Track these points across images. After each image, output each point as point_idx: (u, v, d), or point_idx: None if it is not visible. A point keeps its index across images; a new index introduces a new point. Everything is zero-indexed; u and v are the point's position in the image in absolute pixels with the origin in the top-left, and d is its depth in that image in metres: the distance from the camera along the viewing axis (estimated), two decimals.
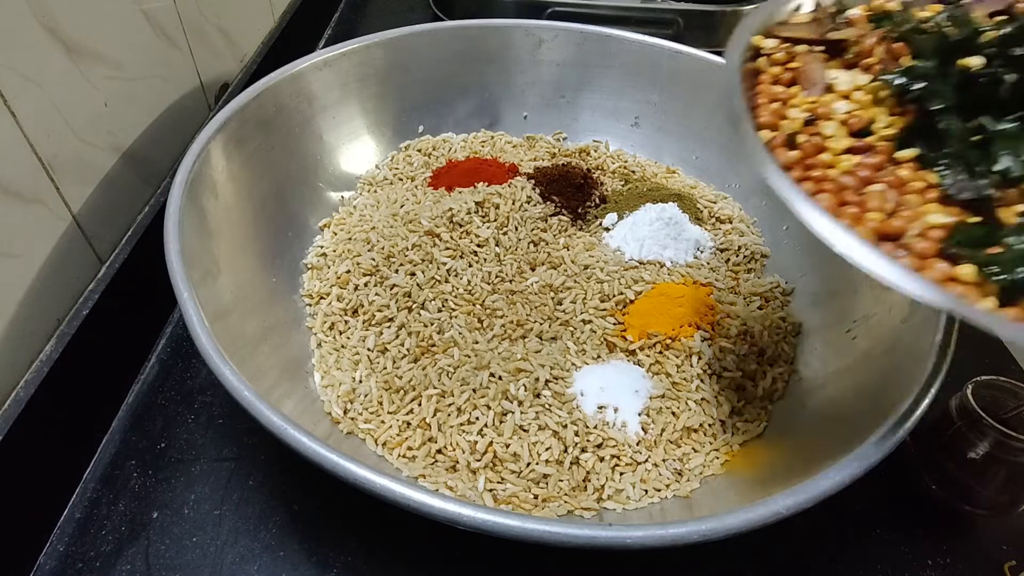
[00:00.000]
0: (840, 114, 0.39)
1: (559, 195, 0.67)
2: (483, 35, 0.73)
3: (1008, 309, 0.31)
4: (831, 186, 0.36)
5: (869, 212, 0.35)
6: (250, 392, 0.36)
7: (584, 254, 0.61)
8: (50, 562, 0.43)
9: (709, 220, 0.67)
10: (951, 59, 0.37)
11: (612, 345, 0.54)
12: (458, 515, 0.32)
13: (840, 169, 0.37)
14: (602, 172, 0.72)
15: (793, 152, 0.38)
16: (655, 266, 0.60)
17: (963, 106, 0.36)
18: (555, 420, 0.48)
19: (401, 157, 0.72)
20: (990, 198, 0.33)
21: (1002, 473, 0.43)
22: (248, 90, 0.57)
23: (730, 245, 0.64)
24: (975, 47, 0.37)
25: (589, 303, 0.56)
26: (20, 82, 0.44)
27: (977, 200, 0.34)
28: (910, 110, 0.38)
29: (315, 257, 0.60)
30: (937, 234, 0.33)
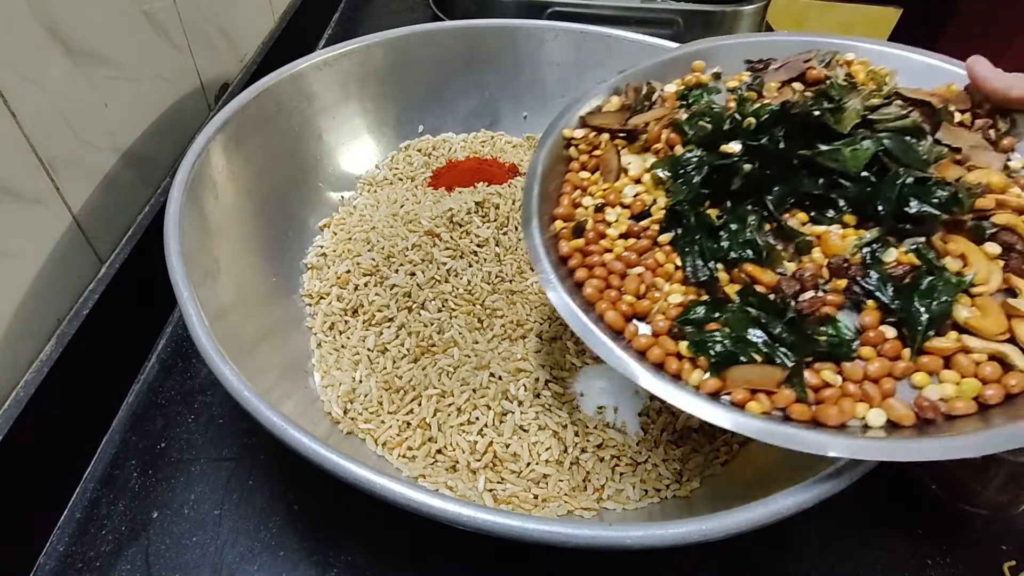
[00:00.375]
0: (629, 198, 0.44)
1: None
2: (483, 35, 0.73)
3: (711, 380, 0.35)
4: (601, 271, 0.41)
5: (626, 295, 0.39)
6: (250, 392, 0.36)
7: None
8: (50, 562, 0.43)
9: None
10: (716, 145, 0.41)
11: None
12: (458, 515, 0.32)
13: (614, 255, 0.41)
14: None
15: (578, 240, 0.42)
16: None
17: (713, 193, 0.41)
18: (555, 420, 0.48)
19: (401, 157, 0.72)
20: (716, 279, 0.38)
21: (1002, 473, 0.43)
22: (248, 90, 0.57)
23: None
24: (739, 133, 0.42)
25: None
26: (20, 82, 0.44)
27: (708, 281, 0.38)
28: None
29: (315, 257, 0.61)
30: (674, 313, 0.38)
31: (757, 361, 0.35)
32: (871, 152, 0.38)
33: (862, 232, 0.38)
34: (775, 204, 0.39)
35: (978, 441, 0.30)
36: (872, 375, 0.34)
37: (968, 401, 0.33)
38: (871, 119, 0.40)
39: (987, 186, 0.37)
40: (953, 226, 0.37)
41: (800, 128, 0.40)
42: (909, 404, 0.33)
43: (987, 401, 0.32)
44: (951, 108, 0.42)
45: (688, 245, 0.40)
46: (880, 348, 0.35)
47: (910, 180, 0.37)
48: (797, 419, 0.34)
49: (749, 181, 0.40)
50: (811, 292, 0.37)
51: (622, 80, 0.51)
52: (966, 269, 0.36)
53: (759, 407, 0.34)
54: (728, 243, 0.39)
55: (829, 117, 0.40)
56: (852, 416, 0.33)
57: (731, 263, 0.38)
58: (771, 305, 0.36)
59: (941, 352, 0.34)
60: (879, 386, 0.34)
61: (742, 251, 0.38)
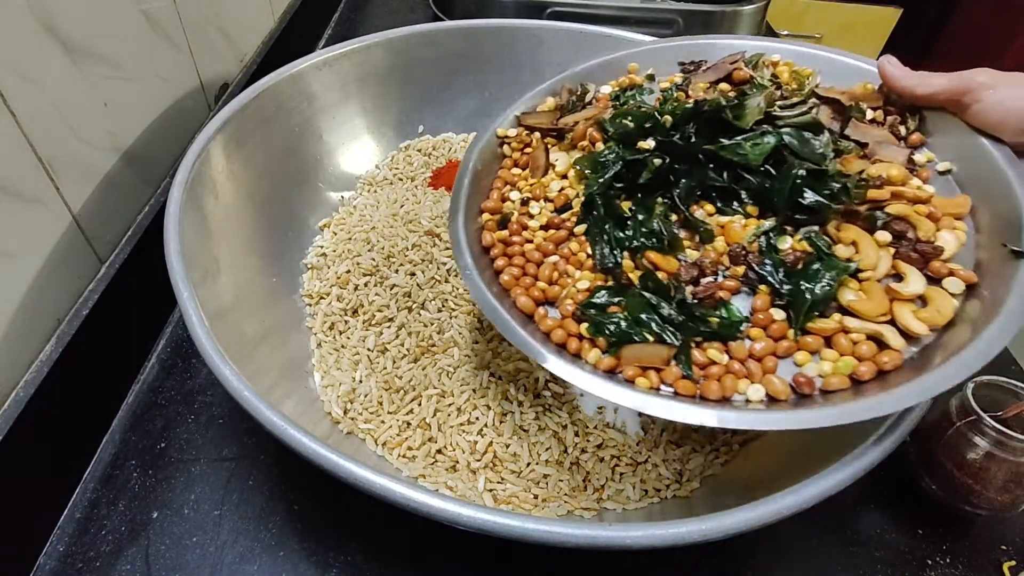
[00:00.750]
0: (554, 192, 0.47)
1: None
2: (483, 35, 0.73)
3: (606, 358, 0.38)
4: (519, 260, 0.44)
5: (539, 282, 0.43)
6: (250, 392, 0.36)
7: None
8: (50, 562, 0.43)
9: None
10: (635, 142, 0.44)
11: None
12: (458, 515, 0.32)
13: (533, 245, 0.45)
14: None
15: (502, 231, 0.46)
16: None
17: (627, 186, 0.44)
18: (555, 420, 0.48)
19: (401, 157, 0.72)
20: (620, 266, 0.41)
21: (1002, 473, 0.43)
22: (248, 90, 0.57)
23: None
24: (657, 131, 0.45)
25: None
26: (20, 82, 0.44)
27: (613, 267, 0.41)
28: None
29: (315, 257, 0.61)
30: (580, 297, 0.41)
31: (649, 341, 0.38)
32: (771, 146, 0.41)
33: (761, 222, 0.41)
34: (683, 196, 0.42)
35: (837, 412, 0.33)
36: (756, 354, 0.37)
37: (842, 377, 0.35)
38: (774, 115, 0.43)
39: (887, 179, 0.40)
40: (849, 216, 0.40)
41: (709, 124, 0.43)
42: (786, 380, 0.36)
43: (860, 377, 0.35)
44: (864, 106, 0.44)
45: (598, 234, 0.42)
46: (768, 329, 0.38)
47: (803, 172, 0.39)
48: (683, 393, 0.36)
49: (658, 175, 0.42)
50: (711, 278, 0.40)
51: (559, 82, 0.55)
52: (856, 256, 0.38)
53: (646, 383, 0.37)
54: (633, 232, 0.41)
55: (728, 113, 0.42)
56: (734, 391, 0.36)
57: (635, 251, 0.41)
58: (664, 290, 0.39)
59: (822, 332, 0.37)
60: (762, 364, 0.37)
61: (646, 240, 0.41)
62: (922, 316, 0.36)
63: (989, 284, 0.37)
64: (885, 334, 0.36)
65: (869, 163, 0.42)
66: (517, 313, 0.41)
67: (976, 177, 0.41)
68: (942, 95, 0.42)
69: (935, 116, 0.43)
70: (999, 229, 0.38)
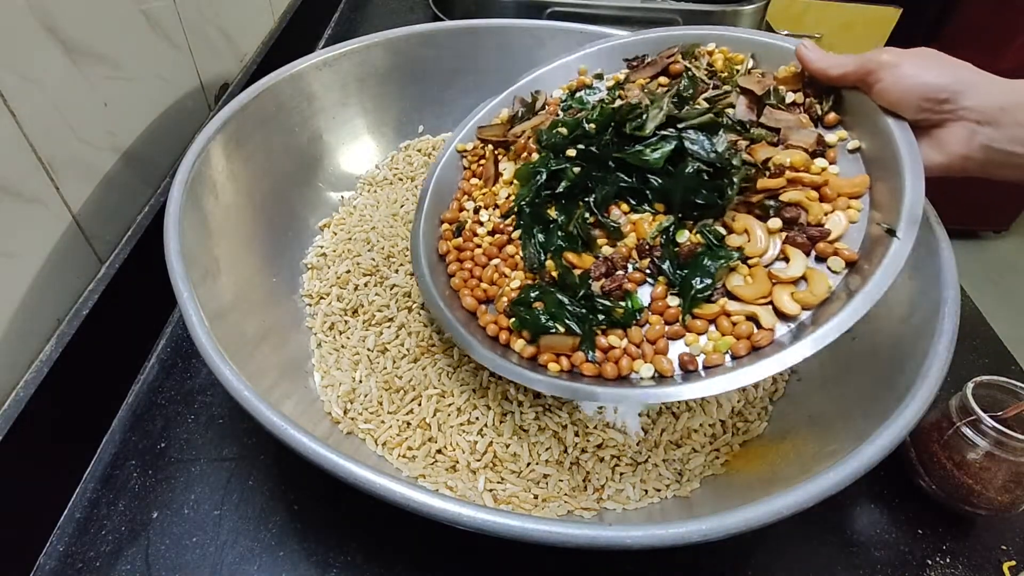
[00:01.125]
0: (502, 199, 0.52)
1: None
2: (483, 35, 0.73)
3: (529, 347, 0.44)
4: (468, 264, 0.50)
5: (483, 283, 0.48)
6: (250, 392, 0.36)
7: None
8: (50, 562, 0.43)
9: None
10: (565, 150, 0.48)
11: None
12: (458, 515, 0.32)
13: (481, 249, 0.50)
14: None
15: (457, 239, 0.51)
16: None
17: (554, 193, 0.48)
18: (555, 420, 0.48)
19: (401, 157, 0.72)
20: (543, 265, 0.46)
21: (1002, 473, 0.43)
22: (248, 90, 0.57)
23: None
24: (581, 138, 0.48)
25: None
26: (20, 82, 0.44)
27: (538, 267, 0.46)
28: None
29: (315, 257, 0.60)
30: (512, 295, 0.46)
31: (560, 332, 0.43)
32: (669, 150, 0.44)
33: (663, 218, 0.45)
34: (599, 199, 0.46)
35: (703, 386, 0.38)
36: (650, 337, 0.42)
37: (720, 354, 0.40)
38: (677, 117, 0.46)
39: (790, 164, 0.43)
40: (748, 206, 0.44)
41: (620, 132, 0.47)
42: (672, 360, 0.41)
43: (737, 353, 0.40)
44: (783, 90, 0.47)
45: (527, 239, 0.48)
46: (664, 315, 0.42)
47: (696, 171, 0.43)
48: (587, 375, 0.42)
49: (577, 181, 0.47)
50: (621, 271, 0.44)
51: (517, 91, 0.59)
52: (748, 243, 0.42)
53: (556, 367, 0.42)
54: (554, 235, 0.46)
55: (628, 127, 0.46)
56: (631, 370, 0.41)
57: (555, 252, 0.46)
58: (572, 286, 0.44)
59: (707, 316, 0.41)
60: (655, 346, 0.41)
61: (563, 242, 0.46)
62: (797, 297, 0.40)
63: (868, 260, 0.39)
64: (760, 314, 0.40)
65: (777, 150, 0.45)
66: (463, 312, 0.47)
67: (878, 155, 0.43)
68: (852, 75, 0.44)
69: (852, 96, 0.45)
70: (890, 207, 0.40)
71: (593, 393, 0.40)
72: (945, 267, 0.44)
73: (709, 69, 0.51)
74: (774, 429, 0.49)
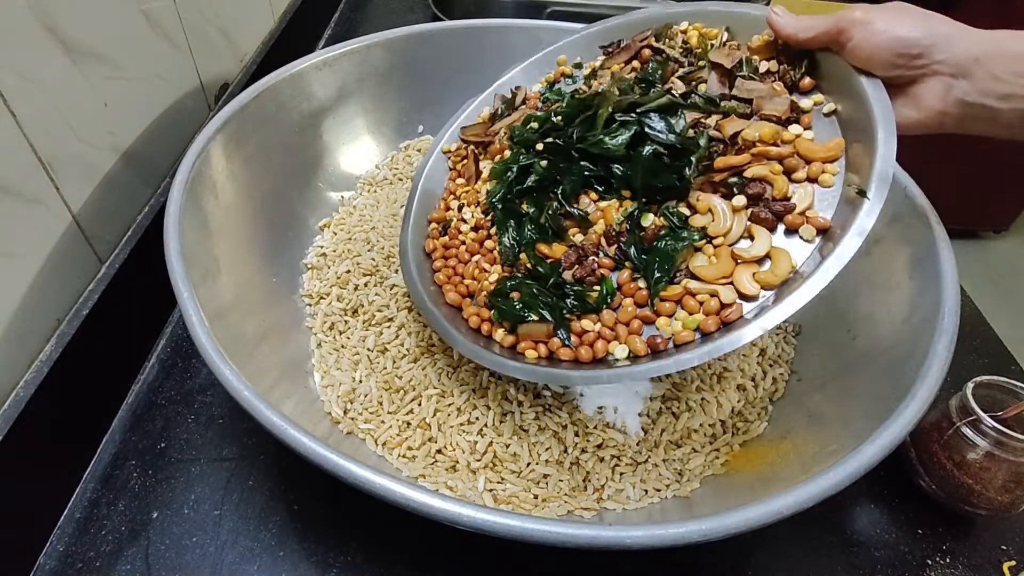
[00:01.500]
0: (484, 196, 0.52)
1: None
2: (483, 35, 0.73)
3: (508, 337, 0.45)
4: (452, 261, 0.51)
5: (466, 279, 0.50)
6: (250, 392, 0.36)
7: None
8: (50, 562, 0.43)
9: None
10: (535, 144, 0.49)
11: None
12: (458, 515, 0.32)
13: (465, 246, 0.51)
14: None
15: (443, 237, 0.53)
16: None
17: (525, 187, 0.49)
18: (555, 420, 0.48)
19: (401, 157, 0.72)
20: (518, 258, 0.47)
21: (1002, 473, 0.43)
22: (248, 90, 0.57)
23: None
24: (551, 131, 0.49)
25: None
26: (20, 82, 0.44)
27: (512, 260, 0.47)
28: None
29: (315, 257, 0.60)
30: (492, 288, 0.47)
31: (535, 320, 0.44)
32: (629, 136, 0.45)
33: (628, 203, 0.45)
34: (567, 190, 0.47)
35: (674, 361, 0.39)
36: (623, 319, 0.43)
37: (690, 331, 0.40)
38: (637, 102, 0.46)
39: (759, 137, 0.43)
40: (714, 185, 0.44)
41: (583, 122, 0.48)
42: (644, 340, 0.41)
43: (706, 330, 0.40)
44: (756, 59, 0.47)
45: (501, 233, 0.49)
46: (635, 297, 0.43)
47: (655, 155, 0.44)
48: (564, 359, 0.43)
49: (545, 176, 0.48)
50: (592, 257, 0.45)
51: (499, 88, 0.60)
52: (713, 223, 0.42)
53: (534, 354, 0.44)
54: (525, 229, 0.47)
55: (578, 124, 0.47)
56: (606, 352, 0.42)
57: (528, 244, 0.47)
58: (543, 276, 0.45)
59: (672, 297, 0.42)
60: (628, 327, 0.42)
61: (534, 234, 0.47)
62: (759, 277, 0.40)
63: (840, 223, 0.39)
64: (720, 292, 0.40)
65: (749, 122, 0.44)
66: (448, 307, 0.49)
67: (853, 116, 0.42)
68: (823, 36, 0.43)
69: (827, 58, 0.44)
70: (865, 169, 0.40)
71: (568, 377, 0.41)
72: (945, 267, 0.44)
73: (684, 47, 0.51)
74: (774, 429, 0.49)
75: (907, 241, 0.49)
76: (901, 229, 0.51)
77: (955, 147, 1.63)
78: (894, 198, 0.52)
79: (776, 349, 0.54)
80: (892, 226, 0.52)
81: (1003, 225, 1.97)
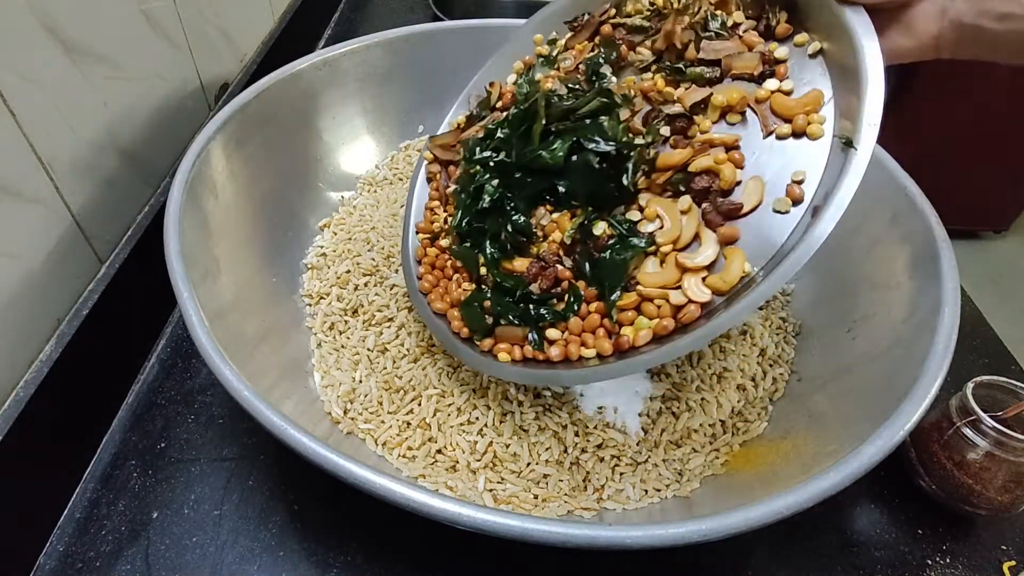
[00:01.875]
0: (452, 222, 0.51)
1: None
2: (483, 35, 0.73)
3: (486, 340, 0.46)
4: (438, 273, 0.51)
5: (450, 289, 0.50)
6: (250, 392, 0.36)
7: None
8: (50, 562, 0.43)
9: None
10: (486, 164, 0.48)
11: None
12: (458, 515, 0.32)
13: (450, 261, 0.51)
14: None
15: (432, 249, 0.52)
16: None
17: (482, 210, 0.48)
18: (555, 420, 0.48)
19: (401, 157, 0.72)
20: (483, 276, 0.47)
21: (1002, 473, 0.43)
22: (248, 90, 0.57)
23: None
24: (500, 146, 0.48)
25: None
26: (20, 82, 0.44)
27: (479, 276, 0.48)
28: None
29: (315, 257, 0.60)
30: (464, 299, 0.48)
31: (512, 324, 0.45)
32: (566, 147, 0.43)
33: (580, 213, 0.45)
34: (522, 206, 0.46)
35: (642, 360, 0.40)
36: (588, 329, 0.43)
37: (648, 332, 0.40)
38: (571, 108, 0.45)
39: (725, 103, 0.41)
40: (662, 185, 0.42)
41: (522, 136, 0.47)
42: (611, 341, 0.41)
43: (663, 332, 0.40)
44: (720, 14, 0.44)
45: (465, 258, 0.49)
46: (596, 309, 0.43)
47: (583, 163, 0.43)
48: (538, 359, 0.43)
49: (497, 195, 0.47)
50: (552, 268, 0.45)
51: (473, 88, 0.58)
52: (660, 229, 0.42)
53: (507, 356, 0.44)
54: (487, 249, 0.47)
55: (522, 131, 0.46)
56: (577, 355, 0.42)
57: (492, 263, 0.47)
58: (510, 290, 0.45)
59: (629, 306, 0.41)
60: (594, 335, 0.42)
61: (497, 253, 0.47)
62: (709, 282, 0.40)
63: (826, 184, 0.37)
64: (670, 296, 0.40)
65: (718, 88, 0.42)
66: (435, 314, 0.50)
67: (839, 54, 0.40)
68: None
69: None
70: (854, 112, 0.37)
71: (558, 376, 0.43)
72: (945, 267, 0.44)
73: (651, 9, 0.48)
74: (774, 429, 0.49)
75: (907, 241, 0.50)
76: (901, 229, 0.51)
77: (955, 147, 1.63)
78: (894, 198, 0.52)
79: (776, 349, 0.54)
80: (892, 226, 0.52)
81: (1003, 225, 1.97)
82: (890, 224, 0.52)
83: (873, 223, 0.53)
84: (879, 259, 0.51)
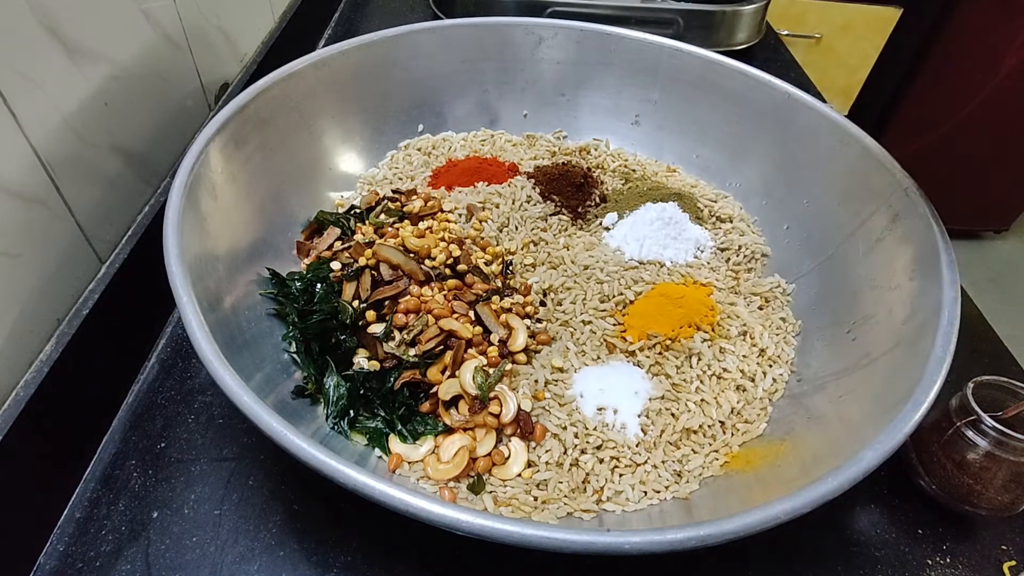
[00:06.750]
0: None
1: (559, 194, 0.66)
2: (483, 34, 0.73)
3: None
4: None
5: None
6: (249, 396, 0.36)
7: (584, 254, 0.60)
8: (50, 562, 0.43)
9: (709, 219, 0.67)
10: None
11: (612, 346, 0.54)
12: (457, 521, 0.32)
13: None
14: (602, 171, 0.72)
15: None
16: (655, 266, 0.60)
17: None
18: (555, 422, 0.48)
19: (401, 156, 0.72)
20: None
21: (1002, 473, 0.43)
22: (248, 90, 0.57)
23: (730, 245, 0.64)
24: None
25: (589, 304, 0.56)
26: (20, 82, 0.44)
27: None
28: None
29: None
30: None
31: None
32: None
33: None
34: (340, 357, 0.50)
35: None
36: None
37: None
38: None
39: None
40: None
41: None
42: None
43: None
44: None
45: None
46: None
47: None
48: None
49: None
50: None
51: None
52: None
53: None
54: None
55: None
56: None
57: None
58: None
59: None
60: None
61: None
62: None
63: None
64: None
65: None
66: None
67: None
68: None
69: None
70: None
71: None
72: (945, 267, 0.44)
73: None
74: (774, 429, 0.49)
75: (907, 241, 0.49)
76: (901, 229, 0.51)
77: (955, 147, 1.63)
78: (894, 198, 0.52)
79: (776, 349, 0.54)
80: (892, 226, 0.52)
81: (1003, 225, 1.97)
82: (890, 224, 0.52)
83: (873, 223, 0.53)
84: (879, 259, 0.51)
